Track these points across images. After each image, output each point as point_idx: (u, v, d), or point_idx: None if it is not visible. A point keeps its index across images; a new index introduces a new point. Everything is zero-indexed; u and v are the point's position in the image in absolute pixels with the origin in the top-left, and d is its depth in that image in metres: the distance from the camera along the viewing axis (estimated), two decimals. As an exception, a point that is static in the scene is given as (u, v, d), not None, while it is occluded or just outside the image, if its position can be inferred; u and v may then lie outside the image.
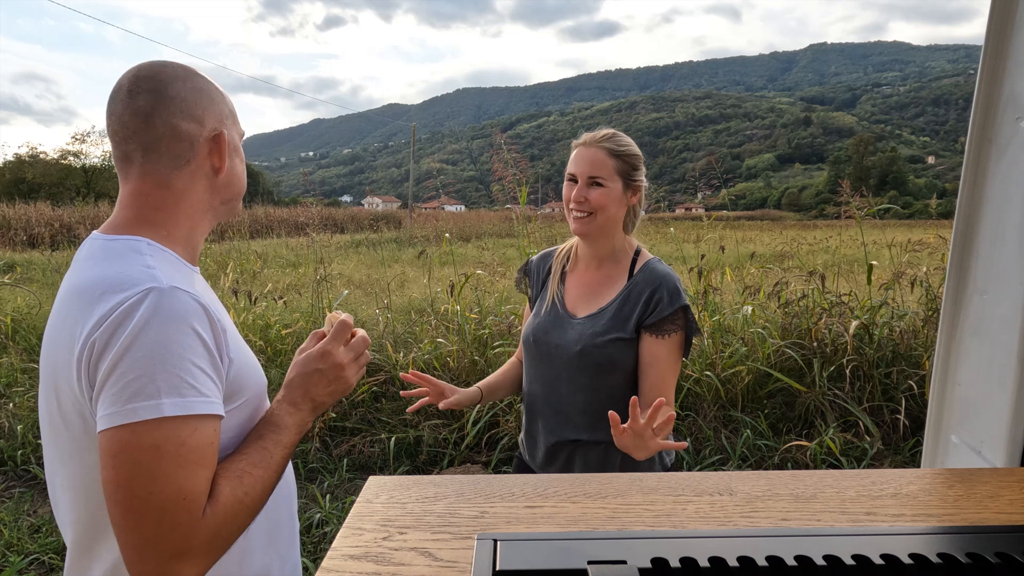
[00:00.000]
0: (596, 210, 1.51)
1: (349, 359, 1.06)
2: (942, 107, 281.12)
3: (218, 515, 0.84)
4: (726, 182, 7.03)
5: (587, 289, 1.61)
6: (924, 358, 3.87)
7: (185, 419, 0.82)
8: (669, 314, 1.50)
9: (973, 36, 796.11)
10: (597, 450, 1.56)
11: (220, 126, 1.01)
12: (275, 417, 0.99)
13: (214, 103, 1.01)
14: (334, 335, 1.05)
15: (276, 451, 0.95)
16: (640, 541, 0.63)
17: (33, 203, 22.83)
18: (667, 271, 1.57)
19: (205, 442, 0.84)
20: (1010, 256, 0.95)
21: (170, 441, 0.81)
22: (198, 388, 0.84)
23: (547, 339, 1.59)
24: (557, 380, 1.58)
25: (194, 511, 0.81)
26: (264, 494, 0.92)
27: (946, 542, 0.63)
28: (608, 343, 1.51)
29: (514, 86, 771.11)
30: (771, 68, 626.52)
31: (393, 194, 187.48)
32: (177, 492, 0.80)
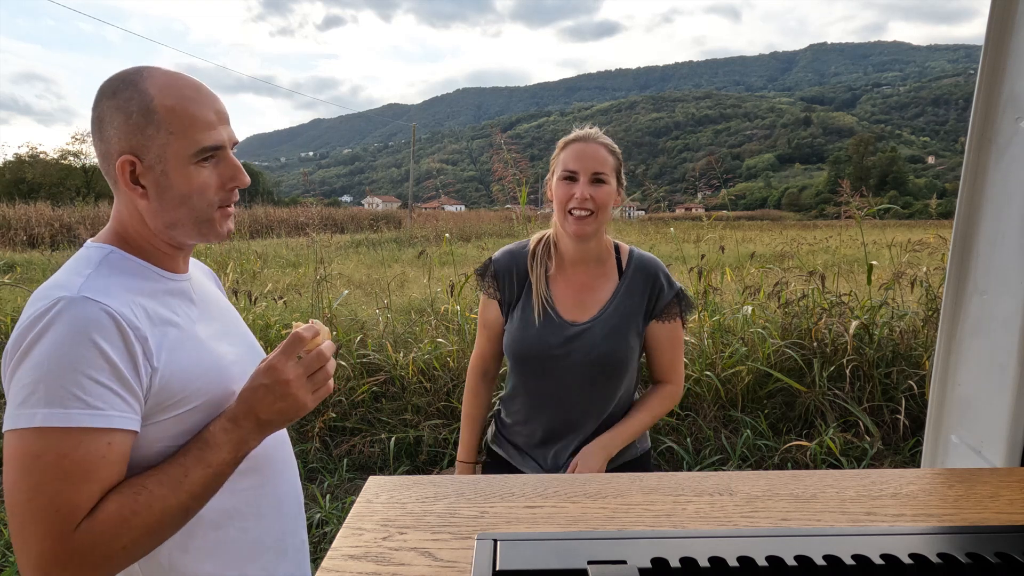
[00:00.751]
0: (598, 209, 1.44)
1: (297, 375, 0.95)
2: (942, 107, 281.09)
3: (93, 531, 0.82)
4: (726, 182, 7.03)
5: (579, 292, 1.54)
6: (924, 358, 3.87)
7: (66, 431, 0.81)
8: (670, 300, 1.53)
9: (973, 36, 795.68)
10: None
11: (130, 150, 0.94)
12: (207, 433, 0.94)
13: (128, 122, 0.94)
14: (283, 348, 0.96)
15: (195, 470, 0.90)
16: (640, 541, 0.63)
17: (33, 203, 22.83)
18: (653, 258, 1.57)
19: (92, 455, 0.83)
20: (1010, 256, 0.95)
21: (49, 451, 0.81)
22: (86, 400, 0.83)
23: (549, 351, 1.49)
24: (567, 391, 1.51)
25: (65, 524, 0.81)
26: (166, 514, 0.88)
27: (946, 542, 0.63)
28: (620, 344, 1.48)
29: (514, 86, 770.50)
30: (771, 68, 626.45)
31: (393, 194, 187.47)
32: (49, 503, 0.80)
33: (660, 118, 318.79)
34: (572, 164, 1.45)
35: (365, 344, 4.48)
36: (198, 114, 0.95)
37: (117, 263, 0.97)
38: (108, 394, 0.85)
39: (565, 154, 1.48)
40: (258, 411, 0.95)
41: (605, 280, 1.54)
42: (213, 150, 0.97)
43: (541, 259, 1.55)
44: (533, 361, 1.52)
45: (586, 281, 1.54)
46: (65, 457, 0.82)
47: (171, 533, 0.91)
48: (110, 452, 0.85)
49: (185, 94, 0.96)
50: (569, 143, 1.49)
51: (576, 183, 1.44)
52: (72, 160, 41.37)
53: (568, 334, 1.49)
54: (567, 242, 1.52)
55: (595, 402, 1.52)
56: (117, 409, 0.86)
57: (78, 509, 0.82)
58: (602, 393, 1.51)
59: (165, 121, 0.94)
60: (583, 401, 1.51)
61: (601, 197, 1.44)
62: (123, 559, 0.85)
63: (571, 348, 1.48)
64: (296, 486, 1.19)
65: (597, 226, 1.47)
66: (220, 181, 0.99)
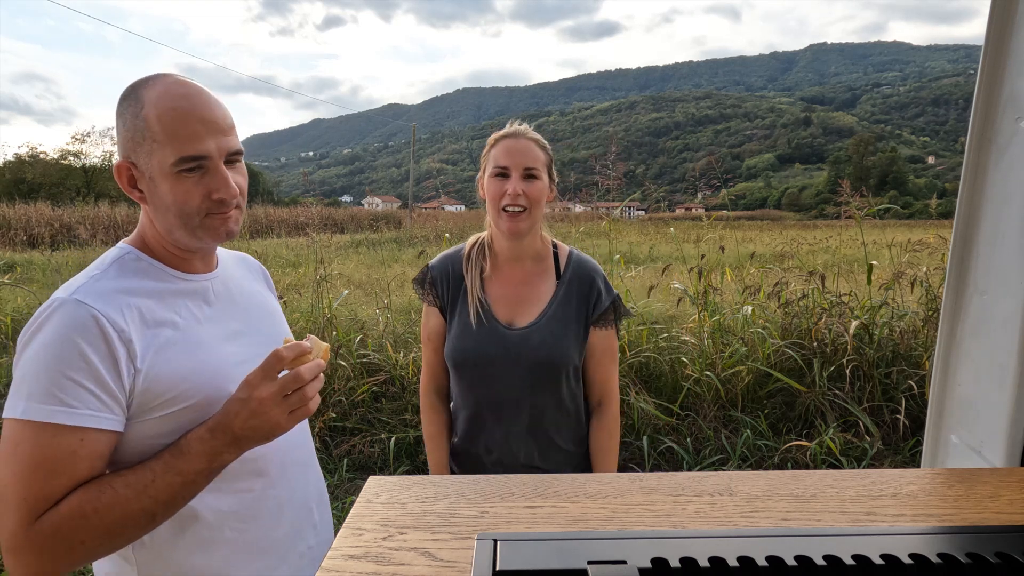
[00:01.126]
0: (532, 205, 1.41)
1: (271, 393, 0.94)
2: (942, 107, 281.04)
3: (53, 523, 0.86)
4: (726, 182, 7.03)
5: (516, 294, 1.49)
6: (924, 358, 3.87)
7: (42, 426, 0.87)
8: (609, 305, 1.50)
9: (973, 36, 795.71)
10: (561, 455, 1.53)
11: (128, 154, 0.98)
12: (183, 441, 0.95)
13: (126, 128, 0.97)
14: (262, 365, 0.96)
15: (164, 476, 0.92)
16: (640, 541, 0.63)
17: (33, 203, 22.83)
18: (592, 262, 1.54)
19: (64, 451, 0.87)
20: (1010, 256, 0.95)
21: (26, 443, 0.87)
22: (62, 399, 0.88)
23: (488, 357, 1.45)
24: (508, 397, 1.47)
25: (28, 513, 0.86)
26: (128, 516, 0.89)
27: (946, 542, 0.63)
28: (561, 348, 1.44)
29: (514, 86, 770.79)
30: (771, 68, 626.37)
31: (393, 194, 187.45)
32: (18, 491, 0.86)
33: (660, 118, 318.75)
34: (503, 160, 1.42)
35: (365, 344, 4.48)
36: (181, 124, 0.95)
37: (129, 264, 1.02)
38: (85, 394, 0.89)
39: (496, 151, 1.45)
40: (233, 425, 0.94)
41: (542, 280, 1.50)
42: (194, 160, 0.96)
43: (476, 261, 1.52)
44: (472, 368, 1.47)
45: (523, 280, 1.50)
46: (39, 450, 0.87)
47: (134, 535, 0.93)
48: (81, 448, 0.89)
49: (174, 104, 0.96)
50: (499, 139, 1.46)
51: (508, 179, 1.41)
52: (72, 160, 41.37)
53: (507, 338, 1.45)
54: (502, 241, 1.49)
55: (538, 407, 1.47)
56: (92, 409, 0.90)
57: (44, 500, 0.87)
58: (546, 399, 1.47)
59: (152, 130, 0.95)
60: (528, 406, 1.47)
61: (534, 193, 1.41)
62: (82, 554, 0.88)
63: (510, 353, 1.44)
64: (306, 492, 1.18)
65: (531, 223, 1.44)
66: (205, 191, 0.99)
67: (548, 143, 1.49)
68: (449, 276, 1.54)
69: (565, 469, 1.53)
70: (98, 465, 0.91)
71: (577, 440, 1.56)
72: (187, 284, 1.06)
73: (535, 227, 1.47)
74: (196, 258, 1.08)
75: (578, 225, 6.62)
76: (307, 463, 1.21)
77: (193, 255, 1.08)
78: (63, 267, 10.84)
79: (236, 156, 1.03)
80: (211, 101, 1.00)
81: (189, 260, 1.07)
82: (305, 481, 1.19)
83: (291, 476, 1.15)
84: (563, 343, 1.45)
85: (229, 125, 1.02)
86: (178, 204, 0.98)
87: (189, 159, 0.96)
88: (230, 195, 1.00)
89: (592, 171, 5.38)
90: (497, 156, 1.44)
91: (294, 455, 1.16)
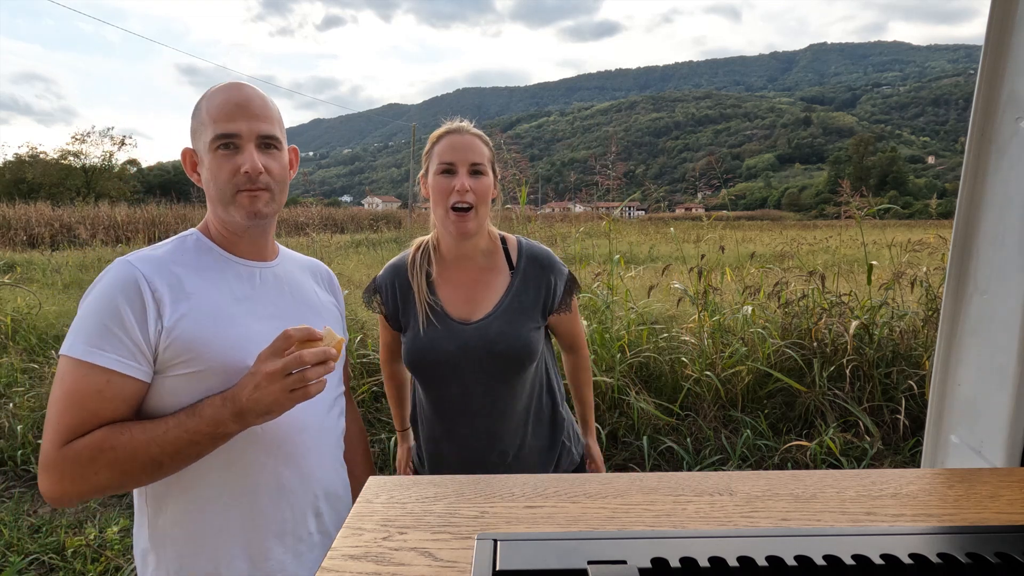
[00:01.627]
0: (479, 202, 1.38)
1: (274, 369, 0.99)
2: (942, 107, 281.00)
3: (75, 450, 0.98)
4: (726, 182, 7.03)
5: (469, 291, 1.47)
6: (924, 358, 3.87)
7: (79, 363, 1.00)
8: (564, 289, 1.52)
9: (973, 36, 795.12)
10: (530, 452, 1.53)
11: (192, 142, 1.16)
12: (200, 402, 1.04)
13: (192, 119, 1.15)
14: (272, 343, 1.02)
15: (174, 430, 1.01)
16: (640, 541, 0.63)
17: (33, 203, 22.84)
18: (545, 250, 1.53)
19: (91, 388, 0.99)
20: (1010, 256, 0.95)
21: (67, 375, 1.00)
22: (98, 343, 1.00)
23: (444, 356, 1.42)
24: (469, 396, 1.45)
25: (59, 437, 0.98)
26: (136, 458, 0.99)
27: (946, 542, 0.63)
28: (518, 337, 1.42)
29: (514, 86, 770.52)
30: (771, 68, 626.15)
31: (393, 194, 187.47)
32: (55, 416, 1.00)
33: (660, 118, 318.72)
34: (449, 156, 1.38)
35: (365, 344, 4.48)
36: (221, 108, 1.10)
37: (188, 243, 1.16)
38: (116, 342, 1.01)
39: (440, 147, 1.41)
40: (239, 395, 1.01)
41: (495, 274, 1.48)
42: (227, 138, 1.09)
43: (421, 265, 1.50)
44: (429, 369, 1.45)
45: (475, 277, 1.48)
46: (74, 383, 0.99)
47: (143, 478, 1.02)
48: (107, 389, 1.00)
49: (223, 94, 1.12)
50: (442, 136, 1.43)
51: (455, 175, 1.38)
52: (72, 160, 41.38)
53: (462, 333, 1.42)
54: (449, 240, 1.45)
55: (504, 399, 1.45)
56: (119, 355, 1.01)
57: (70, 430, 0.99)
58: (510, 389, 1.45)
59: (202, 117, 1.12)
60: (492, 401, 1.45)
61: (481, 189, 1.38)
62: (94, 483, 0.99)
63: (467, 348, 1.42)
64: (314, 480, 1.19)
65: (479, 221, 1.40)
66: (234, 167, 1.10)
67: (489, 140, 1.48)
68: (395, 284, 1.52)
69: (538, 468, 1.52)
70: (122, 408, 1.02)
71: (549, 437, 1.56)
72: (234, 265, 1.17)
73: (483, 225, 1.44)
74: (244, 241, 1.19)
75: (578, 225, 6.62)
76: (327, 454, 1.24)
77: (241, 238, 1.18)
78: (63, 267, 10.84)
79: (269, 140, 1.14)
80: (253, 93, 1.14)
81: (238, 243, 1.18)
82: (320, 469, 1.20)
83: (296, 459, 1.16)
84: (522, 332, 1.43)
85: (265, 114, 1.14)
86: (214, 179, 1.12)
87: (223, 136, 1.09)
88: (252, 169, 1.10)
89: (592, 171, 5.38)
90: (442, 152, 1.40)
91: (302, 438, 1.17)
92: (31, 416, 3.98)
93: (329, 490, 1.24)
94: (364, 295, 1.61)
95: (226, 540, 1.10)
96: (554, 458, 1.57)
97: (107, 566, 2.71)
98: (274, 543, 1.13)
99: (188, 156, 1.18)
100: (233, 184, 1.11)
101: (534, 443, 1.53)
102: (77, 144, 41.92)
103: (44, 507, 3.28)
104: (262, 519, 1.12)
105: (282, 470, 1.14)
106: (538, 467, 1.54)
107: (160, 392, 1.06)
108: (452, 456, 1.52)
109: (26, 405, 4.10)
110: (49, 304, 6.80)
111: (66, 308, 6.55)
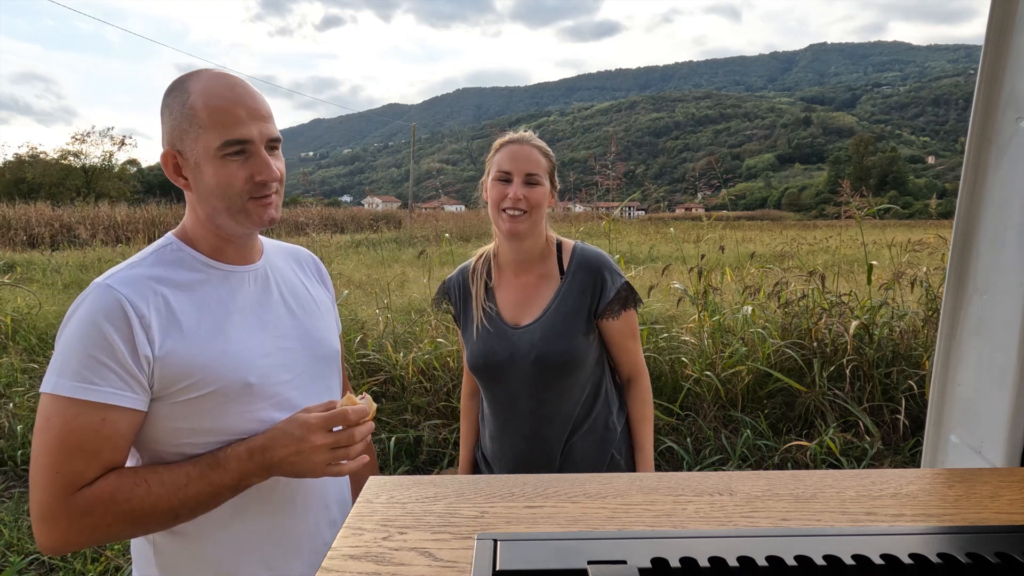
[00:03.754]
0: (532, 208, 1.46)
1: (324, 443, 1.00)
2: (942, 107, 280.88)
3: (87, 501, 0.92)
4: (726, 182, 7.04)
5: (522, 296, 1.54)
6: (924, 358, 3.87)
7: (70, 401, 0.92)
8: (615, 295, 1.50)
9: (973, 36, 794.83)
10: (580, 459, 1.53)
11: (174, 143, 1.04)
12: (222, 454, 0.99)
13: (171, 119, 1.03)
14: (328, 416, 1.02)
15: (196, 483, 0.96)
16: (640, 541, 0.63)
17: (33, 203, 22.82)
18: (598, 252, 1.55)
19: (88, 427, 0.92)
20: (1010, 256, 0.95)
21: (56, 416, 0.92)
22: (87, 377, 0.92)
23: (496, 359, 1.49)
24: (517, 397, 1.50)
25: (65, 486, 0.91)
26: (156, 511, 0.94)
27: (946, 542, 0.63)
28: (562, 343, 1.46)
29: (514, 86, 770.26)
30: (771, 68, 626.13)
31: (393, 194, 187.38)
32: (50, 463, 0.91)
33: (660, 118, 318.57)
34: (506, 165, 1.47)
35: (365, 344, 4.48)
36: (226, 110, 1.01)
37: (168, 254, 1.07)
38: (107, 372, 0.93)
39: (500, 156, 1.50)
40: (274, 452, 0.99)
41: (547, 280, 1.54)
42: (238, 144, 1.01)
43: (481, 273, 1.59)
44: (483, 370, 1.53)
45: (529, 284, 1.54)
46: (66, 425, 0.92)
47: (155, 529, 0.98)
48: (103, 427, 0.93)
49: (219, 92, 1.02)
50: (503, 145, 1.51)
51: (510, 184, 1.46)
52: (72, 160, 41.39)
53: (511, 338, 1.49)
54: (504, 245, 1.54)
55: (550, 404, 1.49)
56: (113, 387, 0.94)
57: (76, 475, 0.92)
58: (556, 394, 1.48)
59: (198, 117, 1.01)
60: (534, 405, 1.49)
61: (535, 197, 1.46)
62: (104, 534, 0.93)
63: (514, 351, 1.48)
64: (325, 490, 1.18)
65: (531, 225, 1.47)
66: (248, 174, 1.03)
67: (551, 150, 1.53)
68: (460, 288, 1.63)
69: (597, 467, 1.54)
70: (121, 444, 0.96)
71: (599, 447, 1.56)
72: (221, 274, 1.09)
73: (536, 230, 1.50)
74: (232, 247, 1.11)
75: (578, 225, 6.62)
76: None
77: (229, 244, 1.10)
78: (63, 267, 10.84)
79: (275, 143, 1.09)
80: (252, 90, 1.07)
81: (225, 249, 1.10)
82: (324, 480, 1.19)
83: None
84: (565, 336, 1.46)
85: (268, 113, 1.07)
86: (222, 187, 1.02)
87: (233, 143, 1.01)
88: (271, 177, 1.05)
89: (592, 171, 5.39)
90: (500, 161, 1.48)
91: None
92: (31, 416, 3.98)
93: (339, 497, 1.23)
94: (435, 297, 1.70)
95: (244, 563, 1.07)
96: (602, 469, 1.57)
97: (107, 566, 2.71)
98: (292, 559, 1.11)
99: (171, 158, 1.05)
100: (245, 192, 1.04)
101: (582, 450, 1.54)
102: (77, 144, 41.94)
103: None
104: (279, 536, 1.10)
105: (296, 486, 1.12)
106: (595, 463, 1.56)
107: (158, 418, 1.00)
108: (507, 454, 1.57)
109: (26, 405, 4.10)
110: (49, 304, 6.80)
111: (66, 308, 6.55)
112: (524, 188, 1.45)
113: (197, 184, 1.04)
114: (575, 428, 1.53)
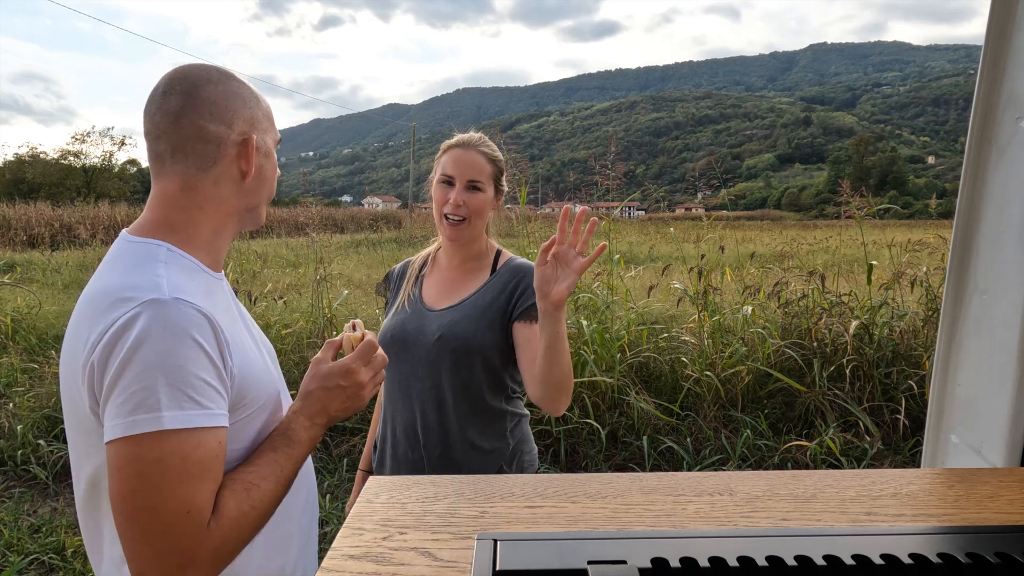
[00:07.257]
0: (472, 215, 1.47)
1: (369, 378, 1.05)
2: (942, 107, 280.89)
3: (223, 528, 0.84)
4: (726, 182, 7.03)
5: (446, 285, 1.58)
6: (924, 358, 3.87)
7: (188, 432, 0.82)
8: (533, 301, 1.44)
9: (973, 36, 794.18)
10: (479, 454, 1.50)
11: (250, 130, 1.00)
12: (291, 431, 0.99)
13: (246, 106, 1.00)
14: (360, 354, 1.05)
15: (287, 465, 0.96)
16: (640, 541, 0.63)
17: (33, 203, 22.83)
18: (529, 263, 1.55)
19: (210, 455, 0.84)
20: (1010, 256, 0.95)
21: (173, 455, 0.81)
22: (199, 400, 0.83)
23: (402, 334, 1.52)
24: (412, 377, 1.50)
25: (199, 523, 0.82)
26: (272, 507, 0.93)
27: (946, 542, 0.63)
28: (467, 327, 1.46)
29: (514, 86, 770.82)
30: (771, 68, 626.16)
31: (393, 194, 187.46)
32: (181, 505, 0.81)
33: (660, 118, 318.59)
34: (450, 169, 1.48)
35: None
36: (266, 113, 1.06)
37: (177, 261, 0.94)
38: (212, 392, 0.86)
39: (445, 158, 1.50)
40: (330, 409, 1.02)
41: (476, 276, 1.56)
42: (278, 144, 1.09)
43: (418, 264, 1.66)
44: (389, 345, 1.53)
45: (457, 276, 1.58)
46: (187, 458, 0.82)
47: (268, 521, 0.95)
48: (220, 450, 0.86)
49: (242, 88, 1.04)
50: (450, 148, 1.51)
51: (452, 188, 1.47)
52: (72, 160, 41.39)
53: (424, 318, 1.53)
54: (445, 245, 1.57)
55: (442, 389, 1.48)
56: (220, 407, 0.87)
57: (206, 508, 0.84)
58: (451, 382, 1.47)
59: (266, 112, 1.05)
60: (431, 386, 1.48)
61: (475, 204, 1.47)
62: (237, 553, 0.89)
63: (421, 329, 1.50)
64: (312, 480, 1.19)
65: (471, 232, 1.50)
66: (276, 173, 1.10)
67: (500, 154, 1.54)
68: (399, 276, 1.69)
69: (483, 469, 1.50)
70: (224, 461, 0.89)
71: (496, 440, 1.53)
72: (217, 282, 1.02)
73: (476, 235, 1.53)
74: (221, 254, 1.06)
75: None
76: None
77: (222, 251, 1.05)
78: (63, 267, 10.84)
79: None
80: None
81: (217, 257, 1.03)
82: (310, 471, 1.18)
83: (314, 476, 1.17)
84: (473, 323, 1.47)
85: None
86: (272, 181, 1.08)
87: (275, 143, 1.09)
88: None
89: (592, 171, 5.38)
90: (445, 164, 1.50)
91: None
92: (31, 416, 3.98)
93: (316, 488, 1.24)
94: (378, 284, 1.77)
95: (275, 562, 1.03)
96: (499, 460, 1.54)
97: (107, 566, 2.71)
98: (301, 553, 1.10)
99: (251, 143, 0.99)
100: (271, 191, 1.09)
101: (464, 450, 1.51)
102: (77, 144, 41.93)
103: (44, 507, 3.28)
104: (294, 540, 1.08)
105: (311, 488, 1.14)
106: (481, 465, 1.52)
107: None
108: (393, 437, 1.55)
109: (26, 405, 4.10)
110: (49, 304, 6.80)
111: (66, 308, 6.55)
112: (465, 194, 1.46)
113: (259, 174, 1.02)
114: (463, 424, 1.50)
